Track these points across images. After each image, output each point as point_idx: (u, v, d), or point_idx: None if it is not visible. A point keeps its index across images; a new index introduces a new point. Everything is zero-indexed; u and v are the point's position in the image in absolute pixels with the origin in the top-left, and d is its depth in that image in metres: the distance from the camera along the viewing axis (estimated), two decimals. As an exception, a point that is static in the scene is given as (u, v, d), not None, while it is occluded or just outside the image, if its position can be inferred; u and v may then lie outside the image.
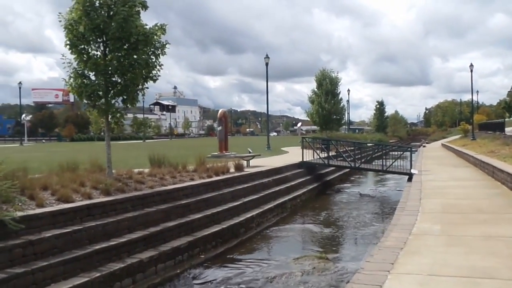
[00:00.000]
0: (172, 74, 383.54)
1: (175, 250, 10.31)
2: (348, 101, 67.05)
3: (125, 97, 12.35)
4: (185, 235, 11.11)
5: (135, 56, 11.88)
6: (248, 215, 14.20)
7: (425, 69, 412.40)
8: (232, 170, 16.76)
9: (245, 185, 15.84)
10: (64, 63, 11.91)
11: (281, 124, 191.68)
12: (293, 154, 27.63)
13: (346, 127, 79.97)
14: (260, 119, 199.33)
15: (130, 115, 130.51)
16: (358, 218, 16.59)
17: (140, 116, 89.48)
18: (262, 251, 12.29)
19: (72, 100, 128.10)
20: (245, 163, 19.80)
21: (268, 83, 37.63)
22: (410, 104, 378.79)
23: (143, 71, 12.14)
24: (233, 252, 11.89)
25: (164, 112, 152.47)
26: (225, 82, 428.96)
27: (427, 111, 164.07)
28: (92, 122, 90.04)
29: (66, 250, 8.20)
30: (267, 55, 37.61)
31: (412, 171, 20.40)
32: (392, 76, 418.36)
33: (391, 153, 25.36)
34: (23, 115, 73.61)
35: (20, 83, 61.07)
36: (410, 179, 18.74)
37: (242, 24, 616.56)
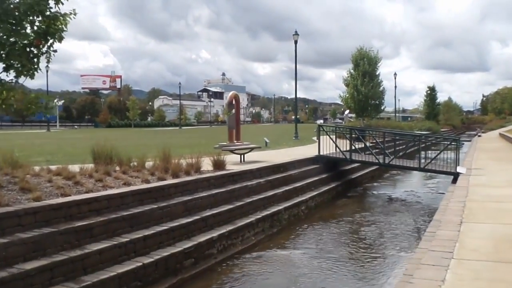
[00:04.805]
0: (222, 61, 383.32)
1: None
2: (395, 86, 61.54)
3: (7, 63, 8.27)
4: (63, 283, 6.85)
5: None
6: (206, 236, 9.76)
7: (483, 55, 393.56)
8: (206, 168, 12.43)
9: (216, 191, 11.37)
10: None
11: (328, 112, 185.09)
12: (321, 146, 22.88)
13: (396, 114, 74.45)
14: (307, 106, 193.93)
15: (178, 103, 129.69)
16: (372, 239, 11.93)
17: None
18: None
19: (118, 86, 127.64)
20: (237, 158, 15.48)
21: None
22: (466, 92, 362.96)
23: (33, 22, 8.03)
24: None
25: (212, 99, 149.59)
26: (275, 69, 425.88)
27: (484, 98, 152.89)
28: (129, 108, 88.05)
29: None
30: (296, 31, 33.02)
31: (459, 169, 15.59)
32: (447, 62, 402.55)
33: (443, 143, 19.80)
34: (55, 100, 71.88)
35: (47, 66, 58.31)
36: (455, 180, 14.12)
37: (290, 10, 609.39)
